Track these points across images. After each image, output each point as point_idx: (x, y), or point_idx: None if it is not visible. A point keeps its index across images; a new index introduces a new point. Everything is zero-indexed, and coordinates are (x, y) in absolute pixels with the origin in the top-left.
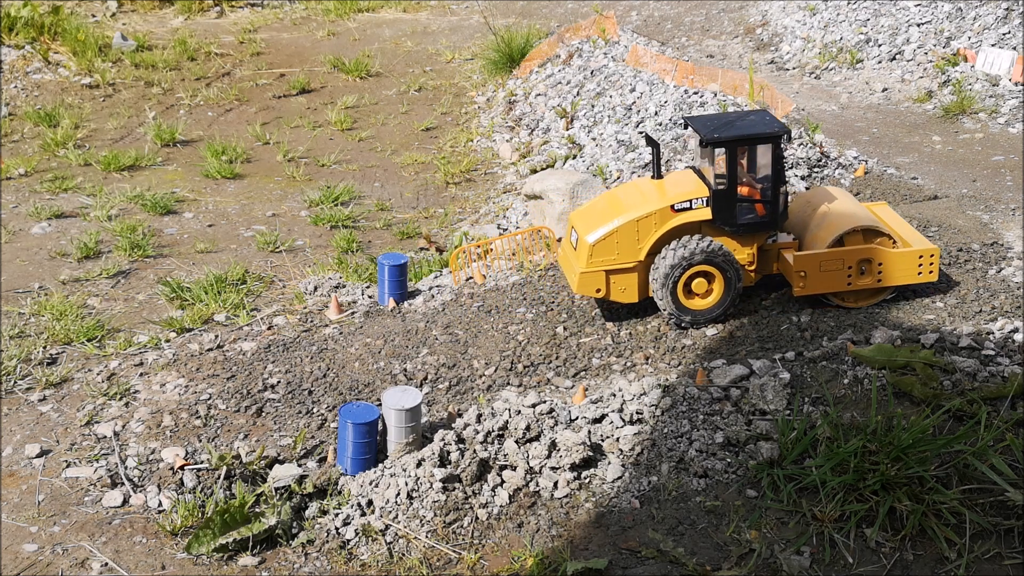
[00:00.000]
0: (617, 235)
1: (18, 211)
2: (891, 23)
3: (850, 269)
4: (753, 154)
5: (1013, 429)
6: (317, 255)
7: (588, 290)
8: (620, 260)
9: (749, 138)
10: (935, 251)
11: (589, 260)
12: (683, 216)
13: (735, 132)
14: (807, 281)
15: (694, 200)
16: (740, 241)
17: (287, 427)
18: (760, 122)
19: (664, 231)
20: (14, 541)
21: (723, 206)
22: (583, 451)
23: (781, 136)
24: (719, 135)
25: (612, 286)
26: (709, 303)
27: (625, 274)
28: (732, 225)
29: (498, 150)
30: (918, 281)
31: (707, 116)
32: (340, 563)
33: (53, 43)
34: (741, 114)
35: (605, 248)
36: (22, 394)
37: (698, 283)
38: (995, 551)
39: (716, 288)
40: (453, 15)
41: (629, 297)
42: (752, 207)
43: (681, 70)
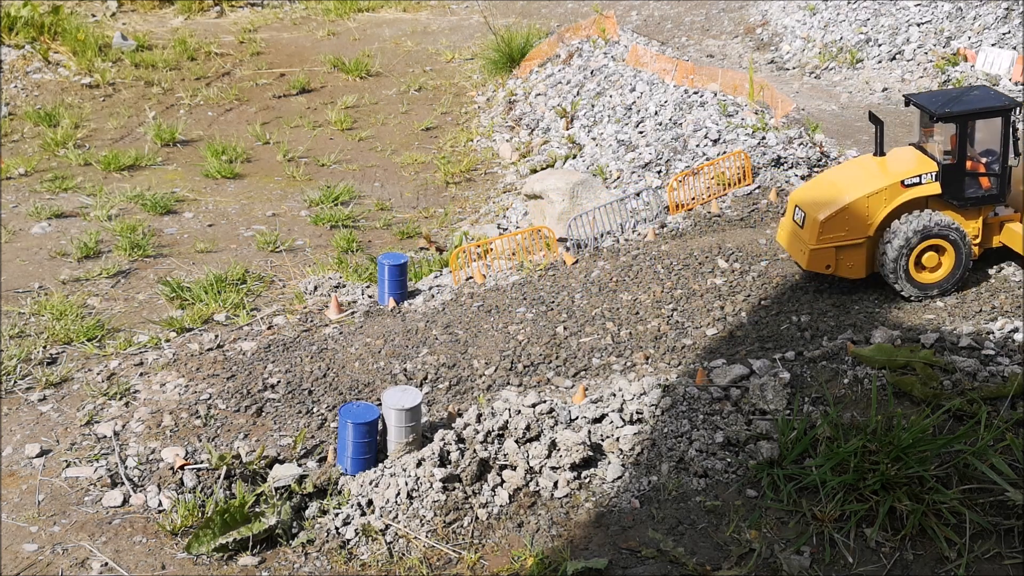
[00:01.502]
0: (847, 212)
1: (18, 211)
2: (891, 23)
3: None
4: (979, 128)
5: (1013, 429)
6: (317, 255)
7: (818, 266)
8: (850, 236)
9: (980, 112)
10: None
11: (819, 237)
12: (913, 191)
13: (966, 107)
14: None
15: (923, 175)
16: (965, 215)
17: (287, 427)
18: (987, 96)
19: (894, 206)
20: (14, 541)
21: (952, 180)
22: (583, 451)
23: (1012, 109)
24: (950, 110)
25: (840, 262)
26: (939, 276)
27: (854, 250)
28: (960, 199)
29: (498, 150)
30: None
31: (931, 93)
32: (340, 563)
33: (53, 43)
34: (964, 90)
35: (835, 224)
36: (22, 394)
37: (928, 257)
38: (995, 551)
39: (946, 261)
40: (453, 15)
41: (856, 272)
42: (976, 181)
43: (681, 70)
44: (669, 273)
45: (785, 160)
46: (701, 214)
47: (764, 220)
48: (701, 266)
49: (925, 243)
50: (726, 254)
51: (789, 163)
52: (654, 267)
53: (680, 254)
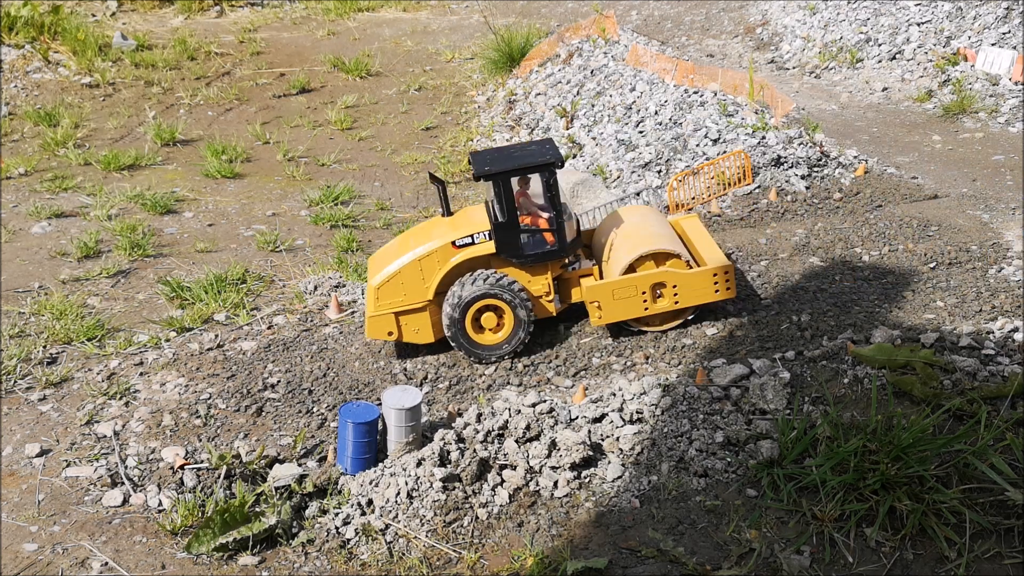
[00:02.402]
0: (401, 276)
1: (18, 210)
2: (891, 22)
3: (644, 295)
4: (535, 184)
5: (1013, 428)
6: (317, 254)
7: (379, 334)
8: (408, 301)
9: (518, 170)
10: (729, 267)
11: (376, 303)
12: (466, 251)
13: (505, 165)
14: (604, 311)
15: (476, 235)
16: (531, 272)
17: (287, 426)
18: (536, 152)
19: (449, 268)
20: (14, 540)
21: (506, 238)
22: (583, 450)
23: (551, 165)
24: (490, 168)
25: (404, 328)
26: (500, 337)
27: (416, 314)
28: (519, 256)
29: None
30: (716, 299)
31: (491, 150)
32: (340, 563)
33: (53, 43)
34: (523, 145)
35: (391, 290)
36: (22, 393)
37: (487, 318)
38: (995, 550)
39: (506, 322)
40: (453, 15)
41: (424, 338)
42: (540, 237)
43: (681, 69)
44: None
45: (785, 160)
46: (701, 214)
47: (764, 220)
48: None
49: (480, 304)
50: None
51: (789, 163)
52: None
53: None
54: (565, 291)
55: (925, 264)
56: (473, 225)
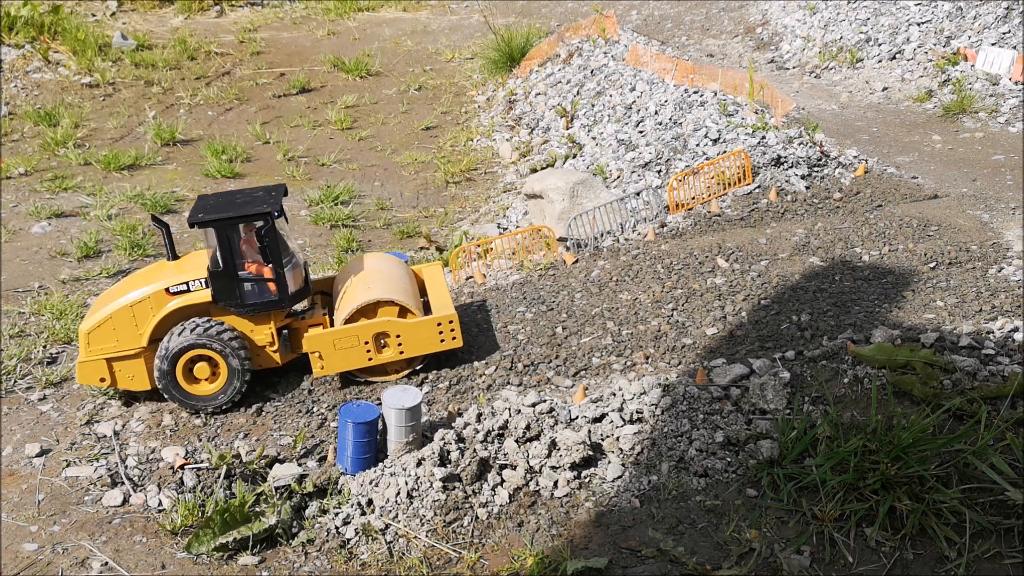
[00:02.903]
0: (113, 321)
1: (18, 210)
2: (891, 22)
3: (367, 344)
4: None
5: (1013, 428)
6: (317, 254)
7: (91, 379)
8: (120, 347)
9: (231, 219)
10: (453, 317)
11: (87, 349)
12: (182, 299)
13: (221, 212)
14: (325, 361)
15: (191, 282)
16: (254, 321)
17: (287, 426)
18: (256, 200)
19: (163, 315)
20: (14, 540)
21: (222, 286)
22: (583, 450)
23: (267, 215)
24: (204, 216)
25: (118, 374)
26: (215, 388)
27: (131, 360)
28: (239, 306)
29: (498, 149)
30: (442, 348)
31: (217, 195)
32: (340, 562)
33: (53, 42)
34: (250, 191)
35: (102, 335)
36: (22, 393)
37: (200, 368)
38: (995, 550)
39: (221, 371)
40: (453, 14)
41: (141, 384)
42: (264, 286)
43: (681, 69)
44: (669, 273)
45: (785, 160)
46: (701, 214)
47: (764, 220)
48: (701, 265)
49: (191, 354)
50: (726, 253)
51: (789, 163)
52: (654, 267)
53: (680, 254)
54: (296, 340)
55: (925, 264)
56: (191, 272)
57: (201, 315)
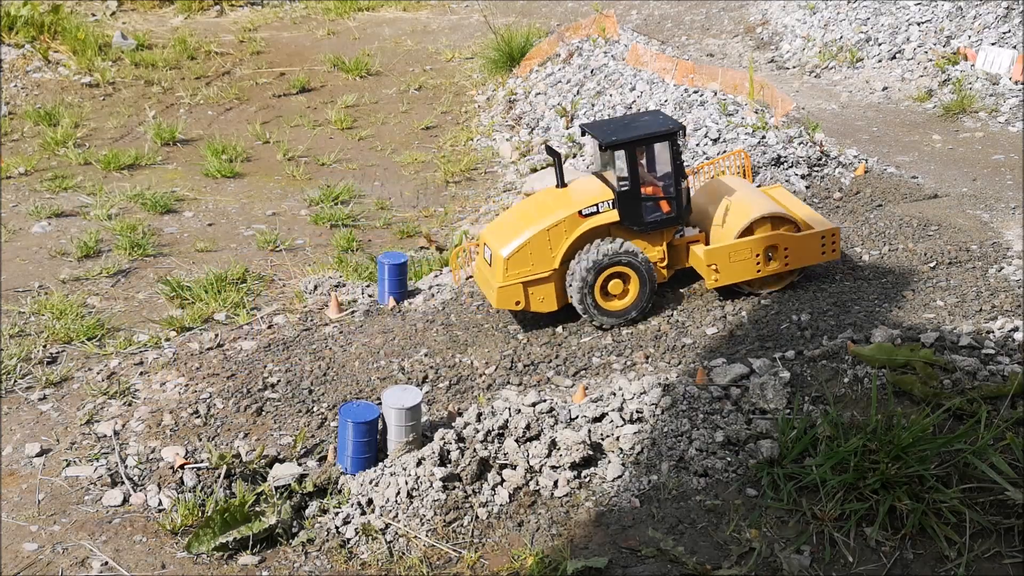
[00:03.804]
0: (530, 246)
1: (18, 210)
2: (891, 22)
3: (758, 257)
4: (652, 153)
5: (1013, 428)
6: (317, 254)
7: (507, 304)
8: (536, 270)
9: (646, 138)
10: (836, 230)
11: (505, 274)
12: (591, 220)
13: (633, 133)
14: (720, 273)
15: (600, 204)
16: (649, 240)
17: (287, 426)
18: (655, 121)
19: (575, 237)
20: (14, 540)
21: (629, 206)
22: (583, 450)
23: (676, 133)
24: (617, 138)
25: (531, 297)
26: (626, 303)
27: (542, 284)
28: (639, 224)
29: (498, 149)
30: (821, 260)
31: (604, 121)
32: (340, 562)
33: (53, 42)
34: (636, 116)
35: (519, 260)
36: (22, 393)
37: (614, 284)
38: (995, 550)
39: (632, 288)
40: (453, 14)
41: (548, 306)
42: (657, 205)
43: (681, 69)
44: None
45: (785, 159)
46: None
47: None
48: None
49: (609, 271)
50: None
51: (789, 162)
52: None
53: None
54: (674, 258)
55: (925, 263)
56: (595, 195)
57: (603, 236)
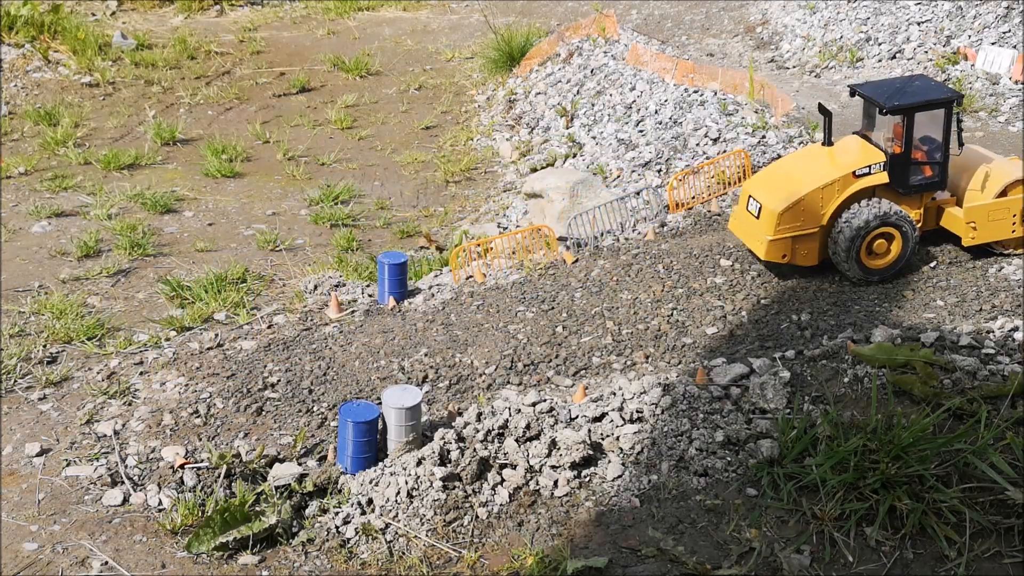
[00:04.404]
0: (804, 203)
1: (18, 210)
2: (891, 22)
3: (1015, 217)
4: (923, 118)
5: (1013, 428)
6: (317, 254)
7: (775, 256)
8: (805, 226)
9: (927, 103)
10: None
11: (776, 228)
12: (863, 181)
13: (912, 99)
14: (977, 232)
15: (873, 166)
16: (909, 202)
17: (287, 426)
18: (929, 87)
19: (846, 196)
20: (14, 540)
21: (899, 170)
22: (583, 450)
23: (954, 100)
24: (899, 102)
25: (796, 252)
26: (887, 261)
27: (808, 239)
28: (905, 188)
29: (498, 149)
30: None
31: (875, 83)
32: (340, 562)
33: (53, 42)
34: (906, 80)
35: (792, 216)
36: (22, 393)
37: (879, 244)
38: (995, 550)
39: (895, 247)
40: (453, 14)
41: (810, 260)
42: (920, 169)
43: (681, 69)
44: (669, 272)
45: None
46: (701, 213)
47: None
48: (701, 265)
49: (879, 230)
50: (726, 253)
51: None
52: (654, 266)
53: (680, 253)
54: (926, 220)
55: (925, 263)
56: (867, 157)
57: (867, 197)
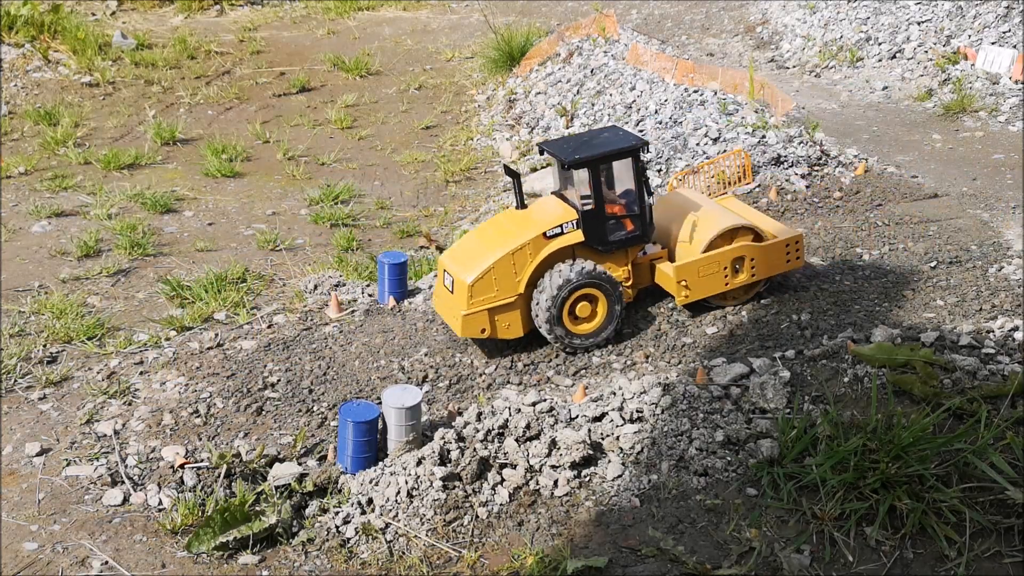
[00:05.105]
0: (495, 271)
1: (18, 209)
2: (891, 21)
3: (726, 270)
4: (614, 170)
5: (1013, 427)
6: (317, 253)
7: (472, 332)
8: (500, 296)
9: (609, 155)
10: (799, 237)
11: (470, 301)
12: (556, 242)
13: (594, 151)
14: (691, 289)
15: (564, 224)
16: (614, 260)
17: (287, 425)
18: (616, 138)
19: (540, 260)
20: (14, 540)
21: (593, 226)
22: (583, 449)
23: (639, 148)
24: (580, 156)
25: (497, 324)
26: (594, 325)
27: (508, 310)
28: (604, 244)
29: (498, 148)
30: (787, 269)
31: (563, 139)
32: (340, 561)
33: (53, 42)
34: (596, 132)
35: (484, 286)
36: (22, 392)
37: (582, 307)
38: (995, 549)
39: (600, 310)
40: (453, 13)
41: (515, 332)
42: (621, 223)
43: (681, 68)
44: None
45: (785, 159)
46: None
47: None
48: None
49: (577, 293)
50: None
51: (789, 161)
52: None
53: None
54: (638, 276)
55: (925, 263)
56: (558, 216)
57: (566, 258)
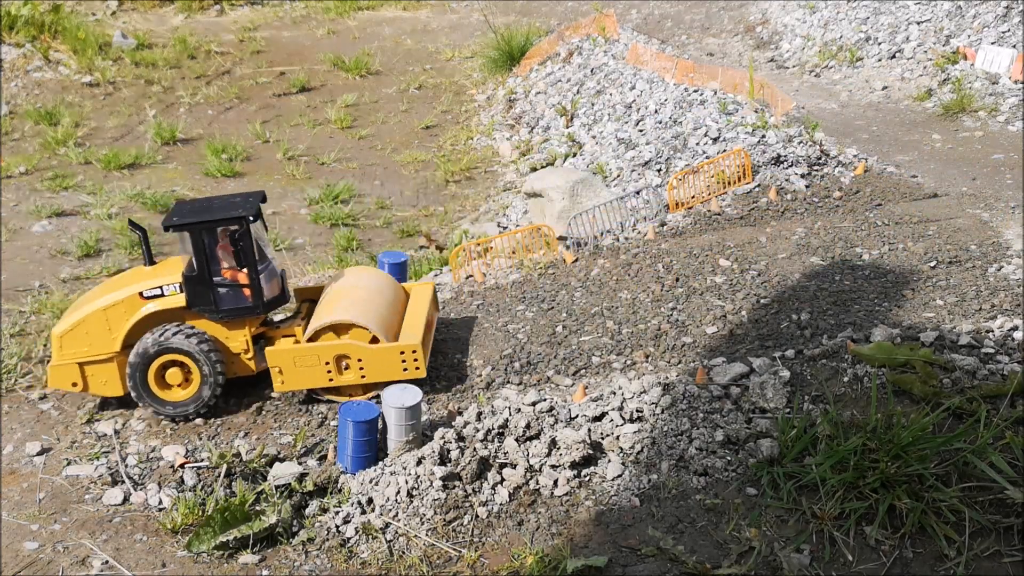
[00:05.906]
0: (86, 325)
1: (19, 209)
2: (891, 21)
3: (328, 365)
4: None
5: (1012, 427)
6: (317, 253)
7: (63, 383)
8: (93, 352)
9: (209, 223)
10: (416, 347)
11: (59, 352)
12: (156, 303)
13: (196, 217)
14: (285, 377)
15: (165, 286)
16: (229, 327)
17: (287, 425)
18: (227, 206)
19: (137, 319)
20: (15, 539)
21: (197, 292)
22: (583, 449)
23: (243, 219)
24: (179, 220)
25: (90, 379)
26: (188, 394)
27: (103, 365)
28: (213, 311)
29: (498, 148)
30: (405, 377)
31: (196, 200)
32: (340, 561)
33: (53, 41)
34: (228, 197)
35: (75, 340)
36: (23, 392)
37: (172, 373)
38: (994, 549)
39: (194, 379)
40: (453, 13)
41: (113, 390)
42: (240, 292)
43: (681, 68)
44: (669, 271)
45: (785, 158)
46: (701, 212)
47: (764, 218)
48: (701, 264)
49: (164, 358)
50: (726, 252)
51: (789, 161)
52: (654, 265)
53: (680, 252)
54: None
55: (925, 263)
56: (166, 276)
57: (176, 320)
